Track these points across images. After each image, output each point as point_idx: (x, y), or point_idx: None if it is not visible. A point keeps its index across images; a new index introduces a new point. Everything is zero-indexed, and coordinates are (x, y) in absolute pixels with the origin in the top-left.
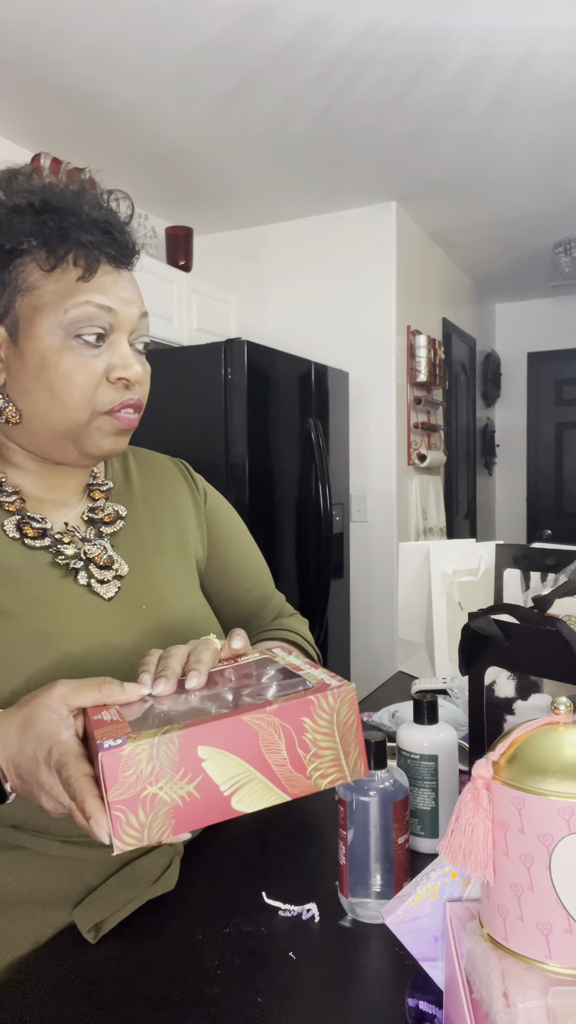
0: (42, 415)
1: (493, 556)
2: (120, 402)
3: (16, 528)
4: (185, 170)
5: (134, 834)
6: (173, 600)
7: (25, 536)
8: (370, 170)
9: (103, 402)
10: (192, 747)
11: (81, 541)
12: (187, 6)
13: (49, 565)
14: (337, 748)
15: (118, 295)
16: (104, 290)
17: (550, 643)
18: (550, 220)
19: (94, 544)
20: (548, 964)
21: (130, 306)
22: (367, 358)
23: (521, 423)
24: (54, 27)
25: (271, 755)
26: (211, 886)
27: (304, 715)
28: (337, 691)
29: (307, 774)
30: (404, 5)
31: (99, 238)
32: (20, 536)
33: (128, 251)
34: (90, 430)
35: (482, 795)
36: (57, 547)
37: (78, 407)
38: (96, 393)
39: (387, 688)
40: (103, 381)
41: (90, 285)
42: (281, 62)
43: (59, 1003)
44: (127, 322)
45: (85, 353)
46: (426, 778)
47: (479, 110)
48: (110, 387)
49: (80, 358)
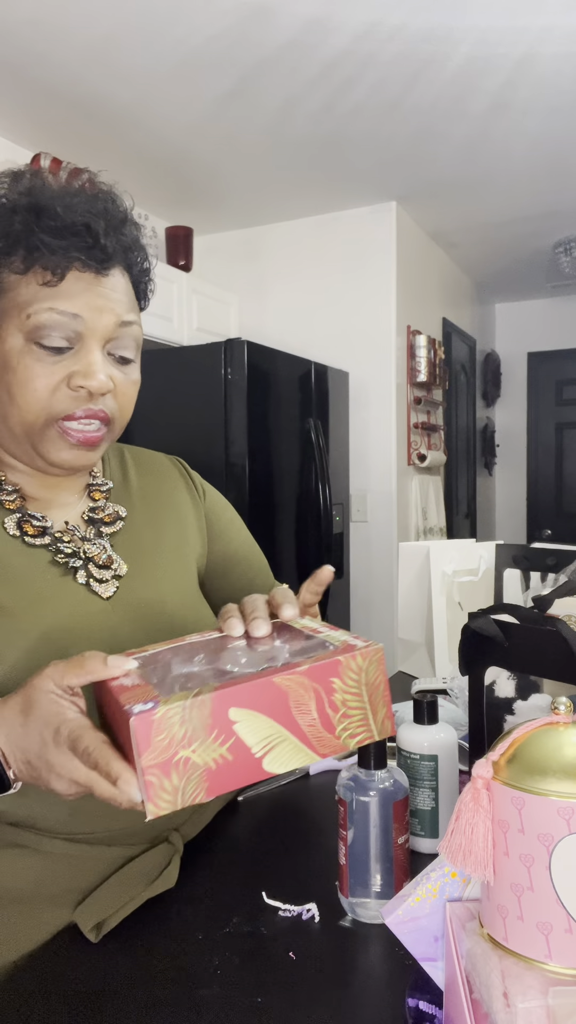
0: (3, 416)
1: (493, 556)
2: (80, 410)
3: (16, 526)
4: (185, 170)
5: (167, 799)
6: (171, 600)
7: (25, 534)
8: (370, 170)
9: (59, 408)
10: (224, 709)
11: (81, 540)
12: (187, 7)
13: (48, 563)
14: (365, 707)
15: (89, 302)
16: (71, 296)
17: (550, 643)
18: (550, 220)
19: (93, 543)
20: (548, 964)
21: (103, 314)
22: (367, 358)
23: (521, 423)
24: (54, 27)
25: (301, 716)
26: (211, 886)
27: (333, 675)
28: (365, 651)
29: (336, 734)
30: (404, 5)
31: (71, 242)
32: (20, 534)
33: (112, 255)
34: (44, 437)
35: (482, 795)
36: (57, 545)
37: (32, 411)
38: (52, 398)
39: None
40: (62, 387)
41: (57, 291)
42: (281, 62)
43: (59, 1003)
44: (99, 330)
45: (47, 359)
46: (426, 778)
47: (479, 110)
48: (69, 394)
49: (40, 363)
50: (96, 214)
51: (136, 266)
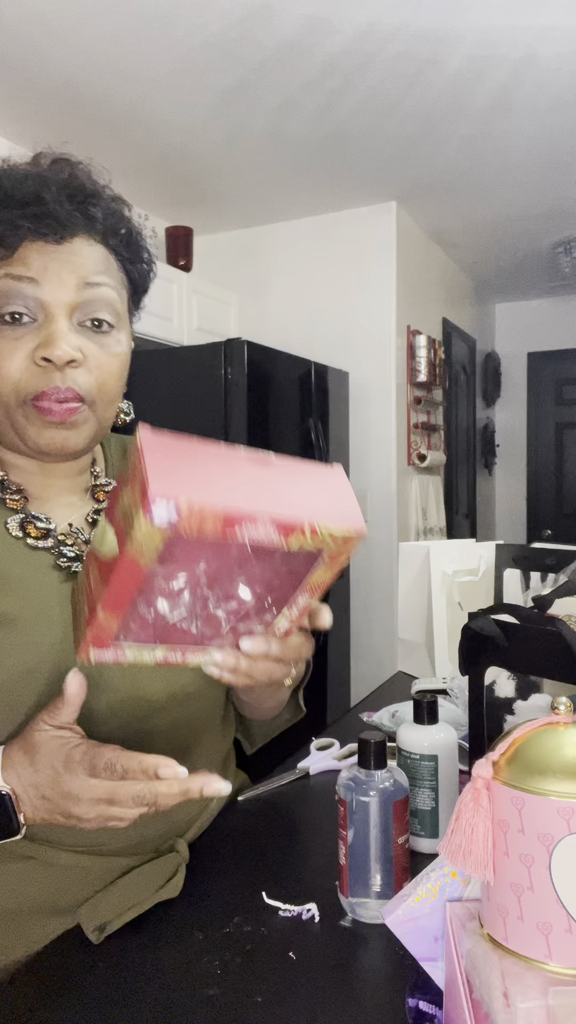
0: None
1: (493, 556)
2: (49, 387)
3: (19, 527)
4: (185, 170)
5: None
6: None
7: (28, 536)
8: (370, 170)
9: (28, 386)
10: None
11: (84, 544)
12: (187, 6)
13: (50, 567)
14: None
15: (45, 266)
16: (26, 262)
17: (550, 643)
18: (550, 220)
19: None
20: (548, 964)
21: (63, 276)
22: (367, 358)
23: (521, 423)
24: (54, 27)
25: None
26: (211, 886)
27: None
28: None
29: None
30: (404, 5)
31: (20, 212)
32: (23, 535)
33: (68, 222)
34: (21, 420)
35: (482, 795)
36: (60, 548)
37: (4, 391)
38: (21, 376)
39: (387, 688)
40: (29, 363)
41: (11, 260)
42: (281, 62)
43: (59, 1003)
44: (62, 295)
45: (9, 333)
46: (426, 778)
47: (479, 110)
48: (37, 371)
49: (3, 339)
50: (49, 184)
51: (115, 237)
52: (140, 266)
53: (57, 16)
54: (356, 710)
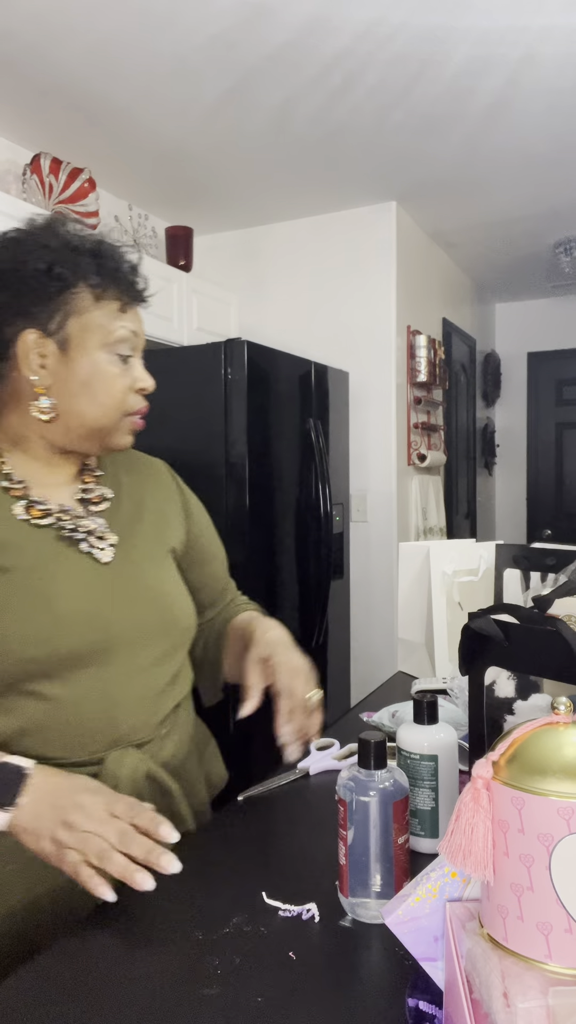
0: (80, 414)
1: (493, 556)
2: (140, 407)
3: (24, 510)
4: (185, 170)
5: None
6: (152, 572)
7: (32, 517)
8: (370, 170)
9: (129, 406)
10: None
11: (76, 518)
12: (187, 7)
13: (55, 539)
14: None
15: (138, 324)
16: (133, 320)
17: (550, 643)
18: (550, 220)
19: (89, 519)
20: (548, 964)
21: (142, 333)
22: (367, 358)
23: (521, 423)
24: (54, 27)
25: None
26: (211, 886)
27: None
28: None
29: None
30: (404, 5)
31: (132, 280)
32: (28, 518)
33: (145, 293)
34: (116, 428)
35: (482, 795)
36: (59, 523)
37: (113, 408)
38: (126, 399)
39: (387, 688)
40: (130, 391)
41: (125, 316)
42: (281, 62)
43: (58, 1003)
44: (141, 344)
45: (119, 367)
46: (426, 778)
47: (479, 110)
48: (134, 395)
49: (115, 370)
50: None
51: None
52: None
53: (57, 16)
54: (356, 710)
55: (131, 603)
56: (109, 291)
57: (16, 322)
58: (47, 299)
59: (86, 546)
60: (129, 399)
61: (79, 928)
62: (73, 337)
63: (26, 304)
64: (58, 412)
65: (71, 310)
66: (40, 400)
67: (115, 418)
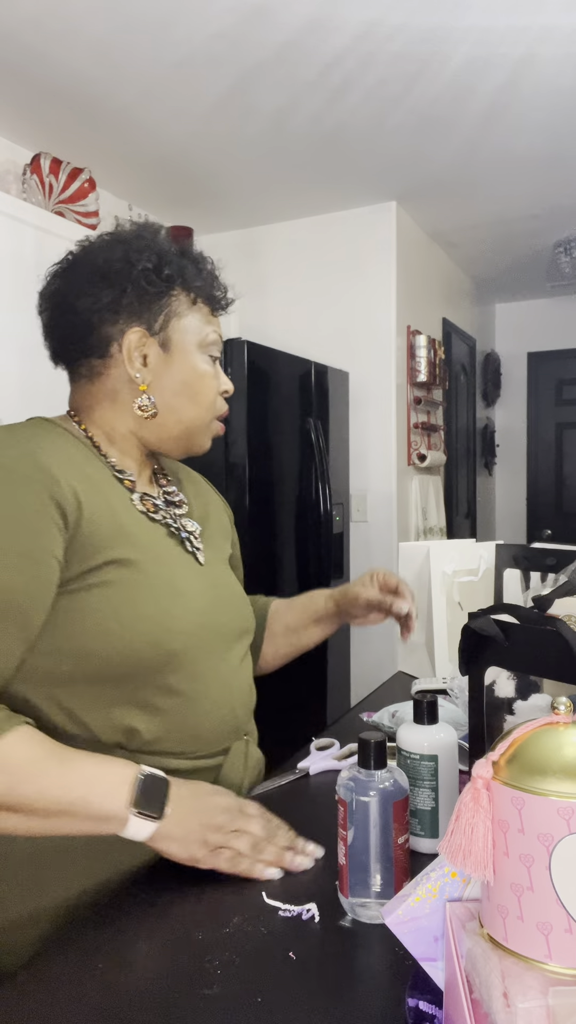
0: (178, 412)
1: (493, 556)
2: (225, 410)
3: (140, 502)
4: (185, 170)
5: None
6: (230, 576)
7: (147, 510)
8: (370, 170)
9: (218, 408)
10: None
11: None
12: (187, 7)
13: (166, 535)
14: None
15: (221, 332)
16: (218, 326)
17: (550, 643)
18: (550, 220)
19: (188, 521)
20: (548, 964)
21: (222, 339)
22: (367, 358)
23: (521, 423)
24: (54, 27)
25: None
26: (211, 886)
27: None
28: None
29: None
30: (404, 5)
31: (217, 288)
32: (144, 510)
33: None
34: (205, 429)
35: (482, 795)
36: (166, 521)
37: (207, 408)
38: (217, 401)
39: (387, 688)
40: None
41: (215, 320)
42: (281, 62)
43: (59, 1003)
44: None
45: (212, 370)
46: (426, 778)
47: (479, 110)
48: (220, 399)
49: (211, 370)
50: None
51: None
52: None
53: (57, 17)
54: (356, 710)
55: (227, 603)
56: (202, 296)
57: (119, 320)
58: (153, 299)
59: (190, 546)
60: (218, 402)
61: (79, 928)
62: (174, 337)
63: (132, 303)
64: (157, 410)
65: (172, 312)
66: (141, 397)
67: (207, 419)
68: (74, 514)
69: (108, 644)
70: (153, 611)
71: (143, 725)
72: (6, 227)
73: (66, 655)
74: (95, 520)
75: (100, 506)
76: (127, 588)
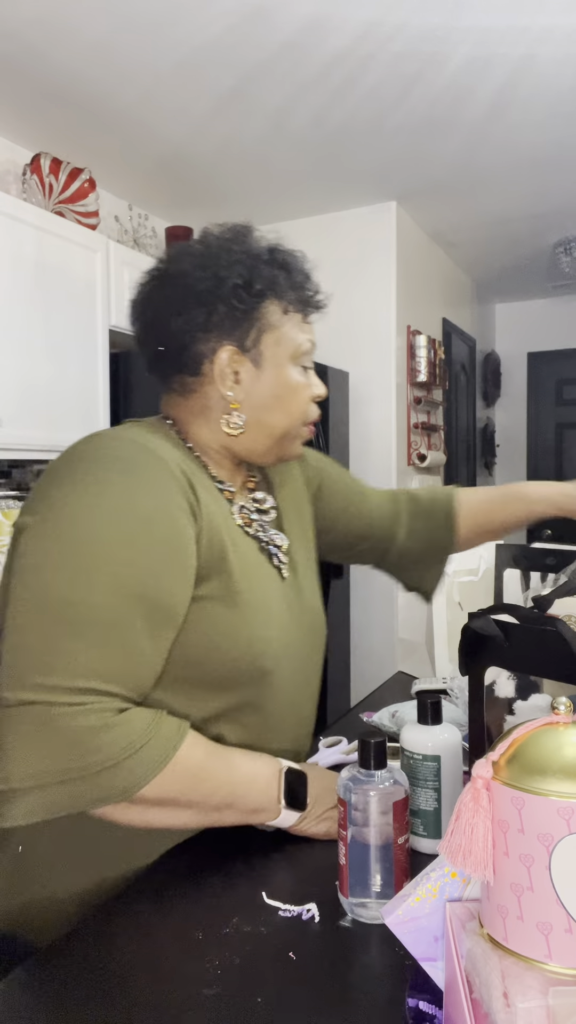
0: (269, 426)
1: (493, 556)
2: (317, 415)
3: (238, 515)
4: (185, 170)
5: None
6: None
7: (243, 523)
8: (370, 170)
9: (310, 414)
10: None
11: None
12: (187, 6)
13: (257, 549)
14: None
15: (313, 334)
16: (310, 332)
17: (550, 643)
18: (550, 220)
19: (277, 535)
20: (548, 964)
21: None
22: (367, 358)
23: (521, 423)
24: (54, 27)
25: None
26: (211, 886)
27: None
28: None
29: None
30: (404, 5)
31: (311, 290)
32: (241, 523)
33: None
34: (294, 436)
35: (482, 795)
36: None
37: (297, 418)
38: (308, 408)
39: (387, 688)
40: (309, 400)
41: (307, 326)
42: (281, 62)
43: (59, 1003)
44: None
45: (303, 378)
46: (429, 779)
47: (479, 110)
48: (312, 404)
49: (303, 380)
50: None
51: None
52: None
53: (58, 17)
54: (356, 710)
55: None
56: (295, 304)
57: (211, 339)
58: (244, 315)
59: (276, 561)
60: (309, 408)
61: (79, 928)
62: (266, 352)
63: (223, 320)
64: (247, 426)
65: (264, 325)
66: (232, 415)
67: (297, 426)
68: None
69: (210, 655)
70: (250, 630)
71: (229, 733)
72: (6, 227)
73: (173, 660)
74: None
75: (215, 515)
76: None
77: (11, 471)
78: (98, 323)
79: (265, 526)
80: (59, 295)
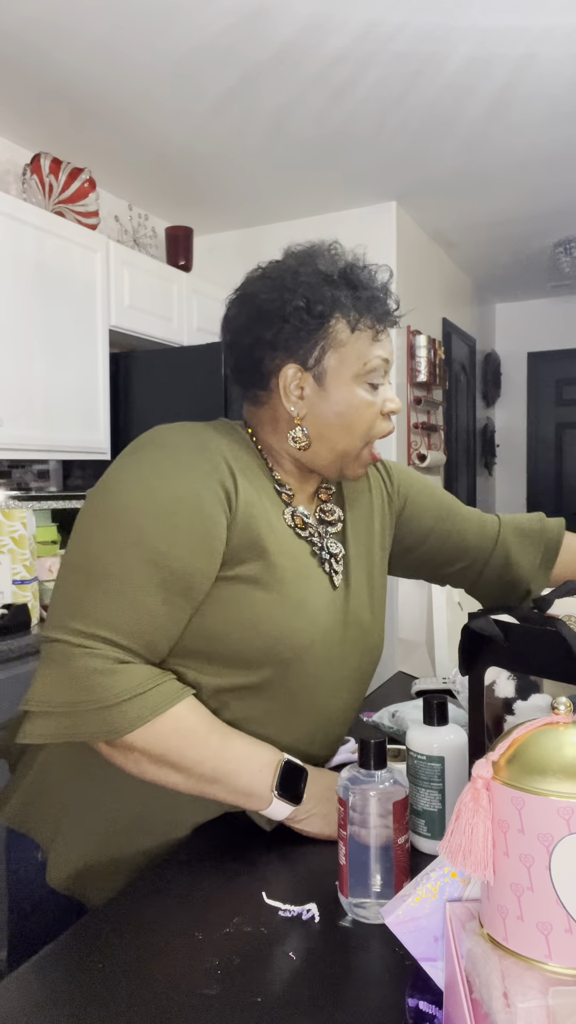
0: (331, 442)
1: None
2: (386, 430)
3: (291, 517)
4: (185, 170)
5: None
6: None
7: (296, 526)
8: (370, 170)
9: (377, 432)
10: None
11: (322, 537)
12: (187, 6)
13: (308, 553)
14: None
15: (390, 349)
16: (385, 347)
17: (550, 643)
18: (550, 220)
19: (331, 542)
20: (548, 964)
21: (392, 357)
22: None
23: (521, 423)
24: (54, 27)
25: None
26: (211, 886)
27: None
28: None
29: None
30: (404, 5)
31: (385, 305)
32: (293, 525)
33: (397, 314)
34: (355, 458)
35: (482, 795)
36: (311, 539)
37: (359, 437)
38: (373, 426)
39: (387, 688)
40: (377, 416)
41: (378, 343)
42: (281, 62)
43: (59, 1003)
44: (391, 367)
45: (371, 395)
46: (433, 779)
47: (479, 110)
48: (382, 419)
49: (368, 399)
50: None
51: None
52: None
53: (58, 17)
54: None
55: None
56: (364, 320)
57: (277, 356)
58: (307, 336)
59: (327, 568)
60: (377, 425)
61: (79, 928)
62: (330, 370)
63: (287, 340)
64: (310, 441)
65: (328, 344)
66: (295, 430)
67: (358, 448)
68: (235, 509)
69: (235, 634)
70: (280, 614)
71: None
72: (6, 227)
73: (198, 633)
74: (244, 521)
75: (257, 509)
76: (259, 591)
77: (11, 471)
78: (98, 323)
79: (324, 534)
80: (59, 295)
